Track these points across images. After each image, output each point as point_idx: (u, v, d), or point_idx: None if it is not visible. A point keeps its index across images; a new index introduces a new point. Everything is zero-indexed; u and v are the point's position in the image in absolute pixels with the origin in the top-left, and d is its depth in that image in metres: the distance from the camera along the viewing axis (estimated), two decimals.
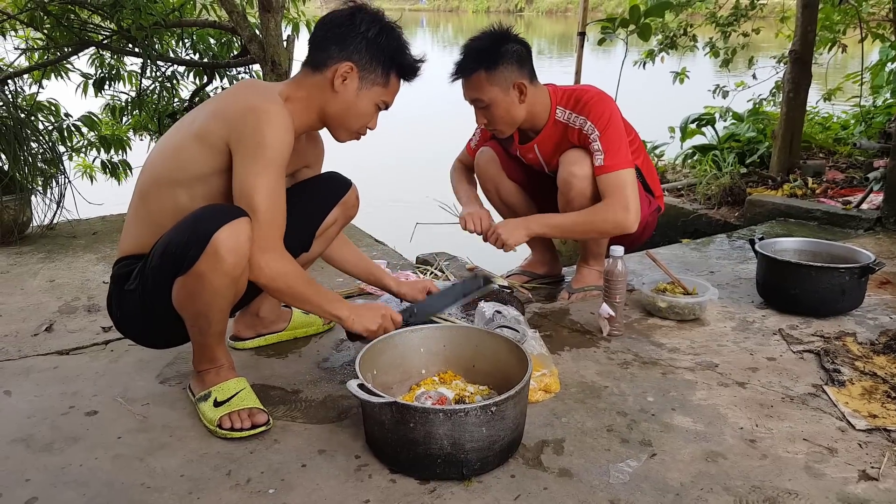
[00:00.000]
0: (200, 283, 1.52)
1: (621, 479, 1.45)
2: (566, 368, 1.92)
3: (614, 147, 2.21)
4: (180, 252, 1.51)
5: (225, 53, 4.47)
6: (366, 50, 1.66)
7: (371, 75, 1.68)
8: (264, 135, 1.53)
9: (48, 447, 1.57)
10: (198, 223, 1.52)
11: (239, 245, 1.50)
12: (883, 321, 2.21)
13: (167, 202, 1.62)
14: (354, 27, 1.65)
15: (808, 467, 1.49)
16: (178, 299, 1.58)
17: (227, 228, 1.48)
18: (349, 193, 1.98)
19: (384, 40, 1.67)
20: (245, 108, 1.56)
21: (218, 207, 1.56)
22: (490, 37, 2.18)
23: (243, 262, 1.53)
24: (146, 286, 1.61)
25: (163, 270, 1.56)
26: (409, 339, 1.75)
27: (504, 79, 2.16)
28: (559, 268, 2.79)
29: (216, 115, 1.60)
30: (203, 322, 1.61)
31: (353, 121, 1.73)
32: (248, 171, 1.54)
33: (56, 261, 3.04)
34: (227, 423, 1.59)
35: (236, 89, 1.69)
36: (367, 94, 1.69)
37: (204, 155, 1.59)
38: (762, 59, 6.29)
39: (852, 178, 4.15)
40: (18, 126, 3.42)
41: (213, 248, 1.48)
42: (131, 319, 1.71)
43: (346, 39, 1.65)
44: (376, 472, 1.48)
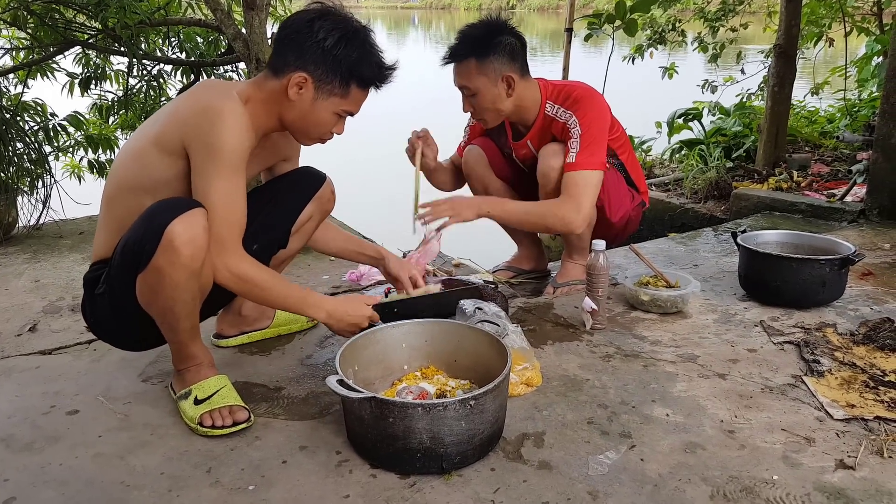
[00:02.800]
0: (160, 277, 1.50)
1: (600, 471, 1.46)
2: (549, 362, 1.93)
3: (590, 147, 2.20)
4: (138, 248, 1.50)
5: (212, 52, 4.46)
6: (322, 60, 1.60)
7: (327, 86, 1.63)
8: (218, 135, 1.51)
9: (28, 447, 1.57)
10: (152, 217, 1.50)
11: (194, 236, 1.48)
12: (863, 312, 2.23)
13: (133, 207, 1.59)
14: (312, 35, 1.59)
15: (785, 457, 1.50)
16: (142, 297, 1.57)
17: (180, 220, 1.46)
18: (324, 187, 1.96)
19: (342, 51, 1.60)
20: (199, 108, 1.54)
21: (172, 201, 1.54)
22: (486, 26, 2.18)
23: (201, 253, 1.50)
24: (112, 287, 1.61)
25: (124, 268, 1.55)
26: (390, 335, 1.75)
27: (493, 70, 2.17)
28: (545, 263, 2.80)
29: (171, 118, 1.59)
30: (171, 318, 1.60)
31: (311, 129, 1.70)
32: (205, 172, 1.53)
33: (41, 261, 3.03)
34: (207, 421, 1.59)
35: (194, 90, 1.65)
36: (323, 104, 1.64)
37: (164, 160, 1.58)
38: (750, 53, 6.32)
39: (837, 171, 4.18)
40: (3, 126, 3.41)
41: (168, 241, 1.46)
42: (104, 323, 1.71)
43: (302, 47, 1.59)
44: (357, 467, 1.48)
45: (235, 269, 1.58)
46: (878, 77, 5.27)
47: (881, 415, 1.63)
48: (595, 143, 2.22)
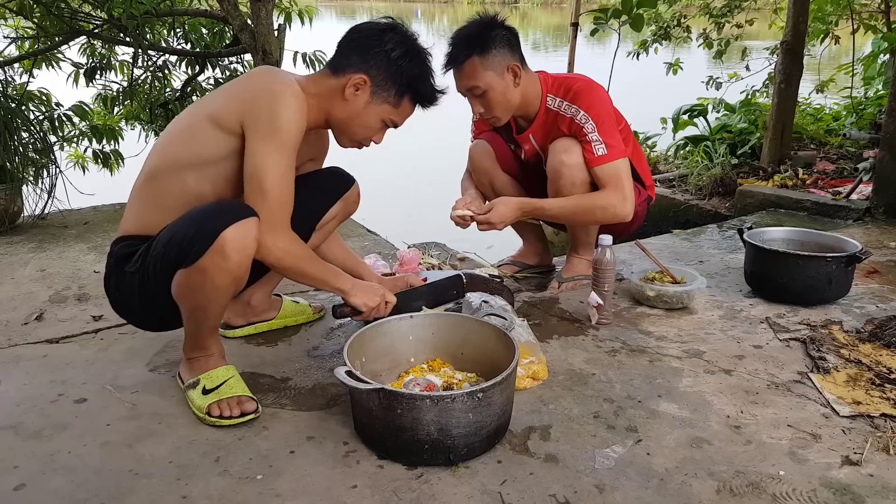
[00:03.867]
0: (203, 278, 1.52)
1: (607, 465, 1.46)
2: (554, 356, 1.93)
3: (611, 137, 2.21)
4: (185, 245, 1.52)
5: (217, 43, 4.46)
6: (385, 67, 1.68)
7: (384, 93, 1.70)
8: (279, 116, 1.55)
9: (37, 434, 1.57)
10: (206, 219, 1.52)
11: (246, 245, 1.52)
12: (869, 310, 2.23)
13: (174, 184, 1.64)
14: (380, 43, 1.67)
15: (791, 453, 1.50)
16: (178, 291, 1.58)
17: (235, 227, 1.50)
18: (351, 190, 2.02)
19: (406, 63, 1.68)
20: (261, 89, 1.58)
21: (227, 204, 1.57)
22: (478, 23, 2.18)
23: (248, 262, 1.55)
24: (147, 272, 1.62)
25: (165, 260, 1.56)
26: (398, 327, 1.75)
27: (498, 62, 2.16)
28: (550, 258, 2.80)
29: (231, 97, 1.62)
30: (200, 315, 1.63)
31: (356, 130, 1.75)
32: (261, 150, 1.56)
33: (47, 250, 3.03)
34: (215, 411, 1.60)
35: (254, 73, 1.70)
36: (375, 108, 1.71)
37: (217, 137, 1.61)
38: (756, 50, 6.30)
39: (843, 169, 4.17)
40: (9, 116, 3.41)
41: (220, 246, 1.49)
42: (128, 301, 1.72)
43: (368, 52, 1.67)
44: (364, 458, 1.49)
45: (288, 247, 1.63)
46: (884, 75, 5.26)
47: (887, 412, 1.63)
48: (612, 132, 2.23)
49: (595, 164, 2.21)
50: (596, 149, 2.20)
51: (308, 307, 2.19)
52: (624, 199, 2.21)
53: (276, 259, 1.62)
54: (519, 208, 2.21)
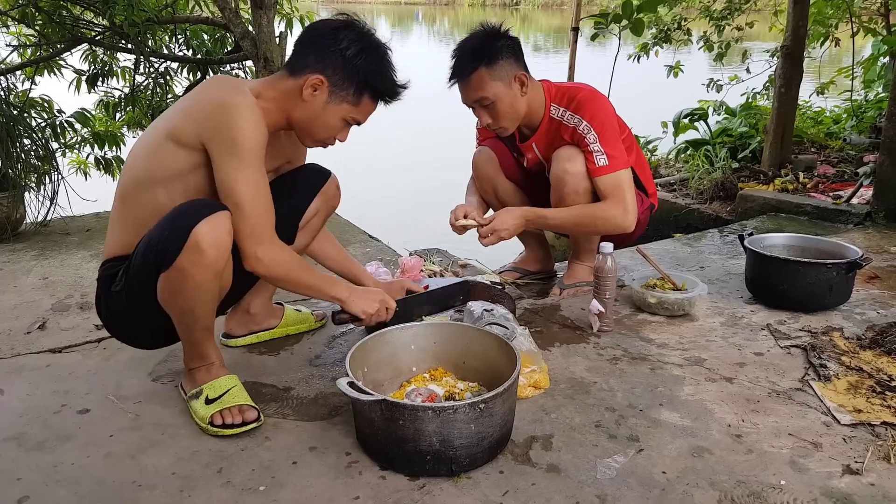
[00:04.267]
0: (183, 277, 1.53)
1: (608, 475, 1.46)
2: (556, 364, 1.94)
3: (613, 148, 2.22)
4: (161, 248, 1.52)
5: (218, 49, 4.47)
6: (341, 67, 1.65)
7: (342, 92, 1.68)
8: (237, 128, 1.54)
9: (40, 445, 1.58)
10: (177, 218, 1.53)
11: (219, 238, 1.52)
12: (870, 316, 2.23)
13: (147, 202, 1.63)
14: (335, 41, 1.65)
15: (792, 462, 1.50)
16: (163, 295, 1.59)
17: (206, 222, 1.50)
18: (328, 183, 1.99)
19: (362, 61, 1.66)
20: (214, 104, 1.57)
21: (197, 202, 1.57)
22: (482, 35, 2.18)
23: (224, 255, 1.55)
24: (131, 285, 1.62)
25: (146, 268, 1.57)
26: (399, 337, 1.76)
27: (505, 72, 2.16)
28: (552, 264, 2.80)
29: (186, 114, 1.61)
30: (189, 318, 1.62)
31: (317, 131, 1.73)
32: (227, 166, 1.56)
33: (49, 258, 3.04)
34: (218, 420, 1.61)
35: (205, 86, 1.69)
36: (334, 108, 1.69)
37: (178, 153, 1.60)
38: (756, 52, 6.31)
39: (843, 173, 4.18)
40: (11, 123, 3.42)
41: (194, 242, 1.49)
42: (119, 320, 1.73)
43: (324, 52, 1.65)
44: (366, 468, 1.49)
45: (278, 257, 1.63)
46: (884, 78, 5.27)
47: (888, 420, 1.63)
48: (615, 142, 2.24)
49: (597, 175, 2.21)
50: (597, 159, 2.20)
51: (310, 315, 2.19)
52: (626, 210, 2.22)
53: (265, 270, 1.63)
54: (522, 217, 2.21)
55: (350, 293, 1.78)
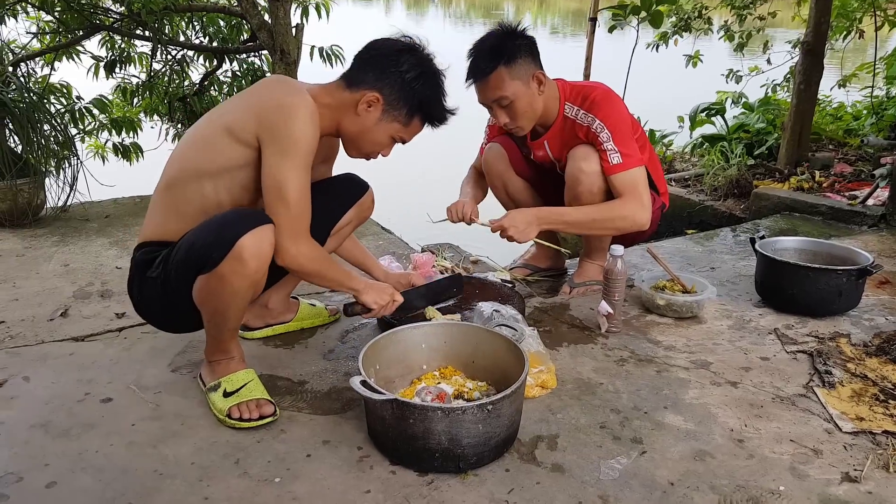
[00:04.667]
0: (222, 283, 1.59)
1: (611, 476, 1.51)
2: (564, 364, 1.98)
3: (627, 146, 2.24)
4: (205, 252, 1.58)
5: (234, 36, 4.50)
6: (398, 88, 1.72)
7: (395, 112, 1.75)
8: (294, 129, 1.60)
9: (66, 433, 1.64)
10: (224, 227, 1.59)
11: (262, 251, 1.58)
12: (878, 322, 2.25)
13: (193, 192, 1.69)
14: (396, 63, 1.71)
15: (792, 468, 1.54)
16: (199, 296, 1.65)
17: (252, 235, 1.56)
18: (365, 196, 2.07)
19: (419, 86, 1.73)
20: (276, 103, 1.63)
21: (244, 213, 1.63)
22: (499, 34, 2.19)
23: (265, 267, 1.61)
24: (168, 277, 1.68)
25: (186, 266, 1.63)
26: (411, 336, 1.80)
27: (524, 71, 2.18)
28: (562, 261, 2.83)
29: (246, 110, 1.66)
30: (220, 319, 1.69)
31: (365, 144, 1.81)
32: (279, 163, 1.61)
33: (70, 244, 3.11)
34: (235, 413, 1.66)
35: (268, 84, 1.74)
36: (385, 126, 1.76)
37: (233, 148, 1.66)
38: (778, 42, 6.23)
39: (860, 172, 4.16)
40: (31, 109, 3.48)
41: (237, 253, 1.55)
42: (150, 304, 1.79)
43: (384, 71, 1.72)
44: (377, 463, 1.54)
45: (310, 254, 1.70)
46: None
47: (889, 429, 1.66)
48: (628, 141, 2.25)
49: (611, 173, 2.23)
50: (611, 157, 2.22)
51: (324, 310, 2.24)
52: (642, 207, 2.24)
53: (299, 265, 1.69)
54: (535, 216, 2.20)
55: (365, 286, 1.87)
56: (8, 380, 1.88)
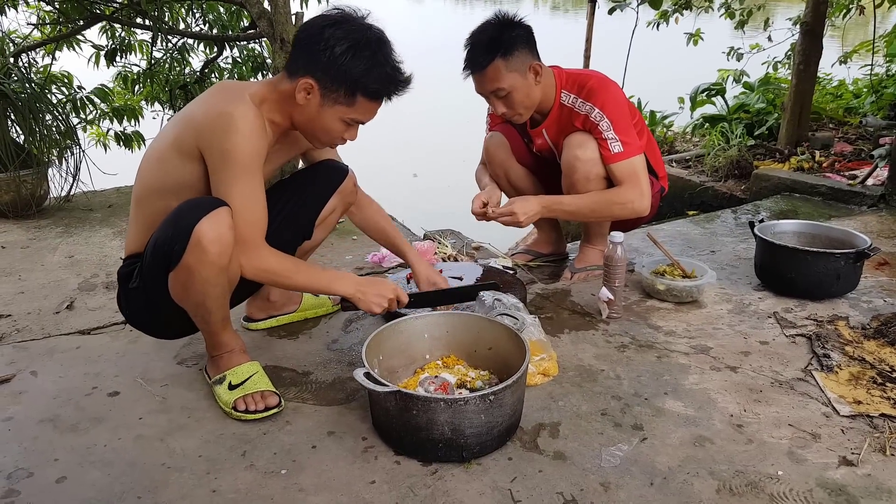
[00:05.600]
0: (190, 275, 1.59)
1: (612, 463, 1.53)
2: (565, 351, 2.00)
3: (627, 135, 2.24)
4: (167, 248, 1.58)
5: (234, 23, 4.48)
6: (329, 68, 1.60)
7: (332, 94, 1.63)
8: (231, 142, 1.56)
9: (74, 428, 1.67)
10: (179, 218, 1.58)
11: (220, 235, 1.56)
12: (877, 304, 2.26)
13: (160, 208, 1.67)
14: (322, 42, 1.59)
15: (790, 452, 1.56)
16: (175, 292, 1.66)
17: (207, 219, 1.54)
18: (346, 181, 2.02)
19: (349, 60, 1.59)
20: (213, 114, 1.59)
21: (197, 201, 1.60)
22: (497, 25, 2.19)
23: (227, 249, 1.58)
24: (146, 283, 1.69)
25: (156, 266, 1.63)
26: (413, 326, 1.82)
27: (521, 63, 2.18)
28: (564, 246, 2.85)
29: (187, 124, 1.64)
30: (203, 311, 1.69)
31: (318, 133, 1.72)
32: (220, 178, 1.59)
33: (74, 235, 3.13)
34: (241, 406, 1.69)
35: (208, 94, 1.69)
36: (329, 111, 1.66)
37: (184, 164, 1.64)
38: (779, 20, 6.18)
39: (861, 151, 4.15)
40: (33, 100, 3.48)
41: (196, 240, 1.54)
42: (139, 315, 1.81)
43: (312, 54, 1.61)
44: (382, 453, 1.57)
45: (261, 265, 1.67)
46: None
47: (886, 412, 1.68)
48: (628, 129, 2.26)
49: (612, 161, 2.24)
50: (612, 146, 2.23)
51: (327, 300, 2.26)
52: (641, 195, 2.26)
53: (252, 276, 1.67)
54: (539, 204, 2.23)
55: (356, 289, 1.78)
56: (16, 374, 1.91)
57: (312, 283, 1.76)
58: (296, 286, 1.75)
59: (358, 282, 1.81)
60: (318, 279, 1.77)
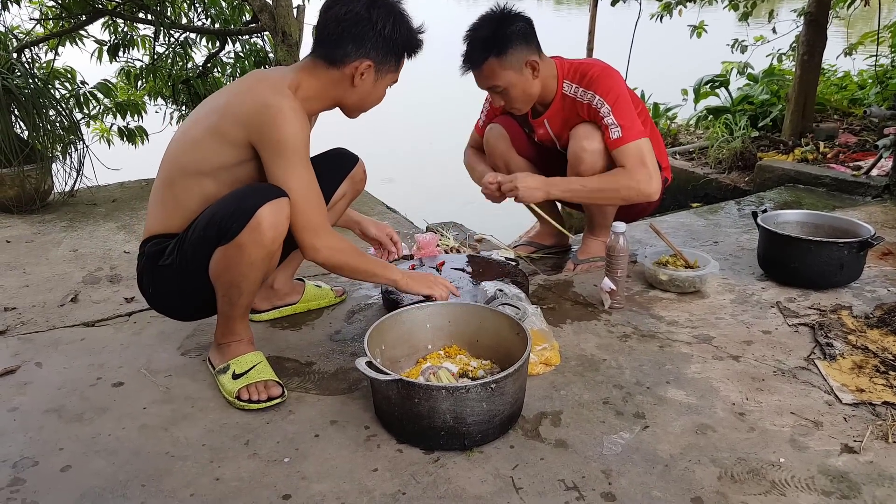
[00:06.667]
0: (240, 253, 1.61)
1: (614, 451, 1.53)
2: (567, 341, 2.00)
3: (628, 119, 2.23)
4: (224, 224, 1.61)
5: (237, 17, 4.49)
6: (383, 46, 1.73)
7: (387, 65, 1.76)
8: (283, 132, 1.62)
9: (79, 417, 1.68)
10: (243, 198, 1.62)
11: (279, 221, 1.61)
12: (880, 294, 2.26)
13: (193, 189, 1.72)
14: (371, 24, 1.70)
15: (793, 440, 1.56)
16: (216, 268, 1.67)
17: (270, 205, 1.59)
18: (356, 168, 2.08)
19: (398, 35, 1.73)
20: (259, 106, 1.63)
21: (262, 186, 1.66)
22: (493, 22, 2.18)
23: (280, 238, 1.64)
24: (185, 258, 1.70)
25: (205, 241, 1.65)
26: (416, 316, 1.83)
27: (516, 60, 2.18)
28: (566, 238, 2.84)
29: (230, 114, 1.66)
30: (234, 292, 1.71)
31: (368, 105, 1.84)
32: (277, 166, 1.64)
33: (78, 229, 3.14)
34: (245, 395, 1.70)
35: (247, 84, 1.72)
36: (382, 82, 1.79)
37: (224, 150, 1.68)
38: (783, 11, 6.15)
39: (865, 142, 4.13)
40: (36, 95, 3.49)
41: (257, 222, 1.58)
42: (166, 293, 1.82)
43: (363, 38, 1.70)
44: (384, 442, 1.57)
45: (334, 245, 1.73)
46: None
47: (889, 400, 1.68)
48: (628, 114, 2.24)
49: (614, 147, 2.23)
50: (612, 132, 2.22)
51: (330, 291, 2.27)
52: (650, 176, 2.22)
53: (325, 259, 1.73)
54: (545, 182, 2.24)
55: (402, 276, 1.89)
56: (21, 366, 1.92)
57: (370, 267, 1.84)
58: (357, 269, 1.82)
59: (403, 271, 1.92)
60: (375, 264, 1.86)
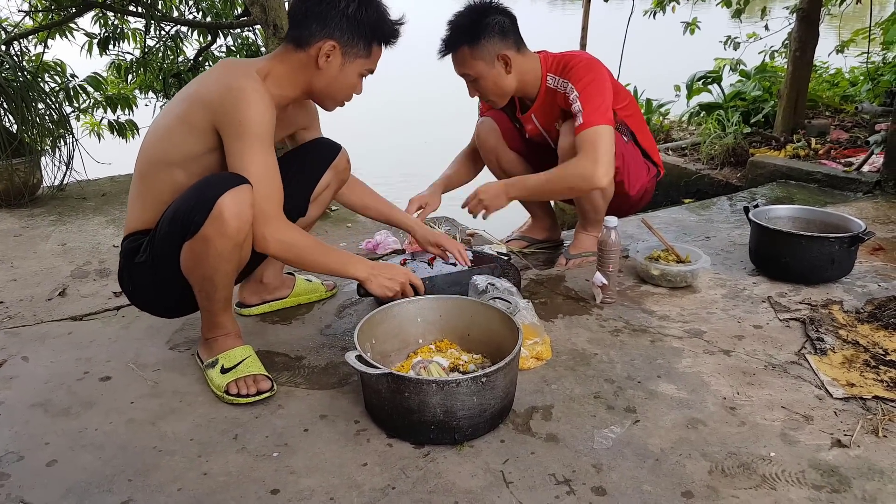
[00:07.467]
0: (206, 246, 1.59)
1: (605, 445, 1.53)
2: (558, 336, 1.99)
3: (592, 105, 2.19)
4: (187, 218, 1.58)
5: (228, 11, 4.46)
6: (346, 27, 1.69)
7: (353, 49, 1.72)
8: (244, 113, 1.59)
9: (65, 412, 1.66)
10: (203, 190, 1.59)
11: (242, 210, 1.57)
12: (871, 289, 2.26)
13: (165, 180, 1.70)
14: (334, 4, 1.68)
15: (783, 434, 1.56)
16: (186, 264, 1.65)
17: (230, 194, 1.56)
18: (339, 157, 2.03)
19: (364, 14, 1.70)
20: (223, 89, 1.61)
21: (222, 175, 1.62)
22: (471, 12, 2.20)
23: (246, 226, 1.60)
24: (156, 255, 1.69)
25: (171, 237, 1.63)
26: (406, 310, 1.82)
27: (487, 52, 2.19)
28: (558, 233, 2.84)
29: (197, 99, 1.66)
30: (209, 286, 1.68)
31: (339, 93, 1.79)
32: (237, 149, 1.61)
33: (67, 223, 3.12)
34: (233, 389, 1.68)
35: (215, 71, 1.72)
36: (350, 67, 1.74)
37: (192, 137, 1.66)
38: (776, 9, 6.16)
39: (857, 138, 4.14)
40: (25, 88, 3.46)
41: (218, 212, 1.55)
42: (143, 291, 1.80)
43: (326, 17, 1.68)
44: (374, 436, 1.56)
45: (283, 237, 1.67)
46: None
47: (879, 394, 1.68)
48: (594, 99, 2.19)
49: (576, 134, 2.21)
50: (577, 119, 2.20)
51: (320, 285, 2.26)
52: (595, 162, 2.14)
53: (275, 251, 1.68)
54: (504, 185, 2.27)
55: (368, 273, 1.79)
56: (7, 360, 1.90)
57: (329, 261, 1.76)
58: (313, 262, 1.74)
59: (371, 265, 1.82)
60: (335, 259, 1.78)
